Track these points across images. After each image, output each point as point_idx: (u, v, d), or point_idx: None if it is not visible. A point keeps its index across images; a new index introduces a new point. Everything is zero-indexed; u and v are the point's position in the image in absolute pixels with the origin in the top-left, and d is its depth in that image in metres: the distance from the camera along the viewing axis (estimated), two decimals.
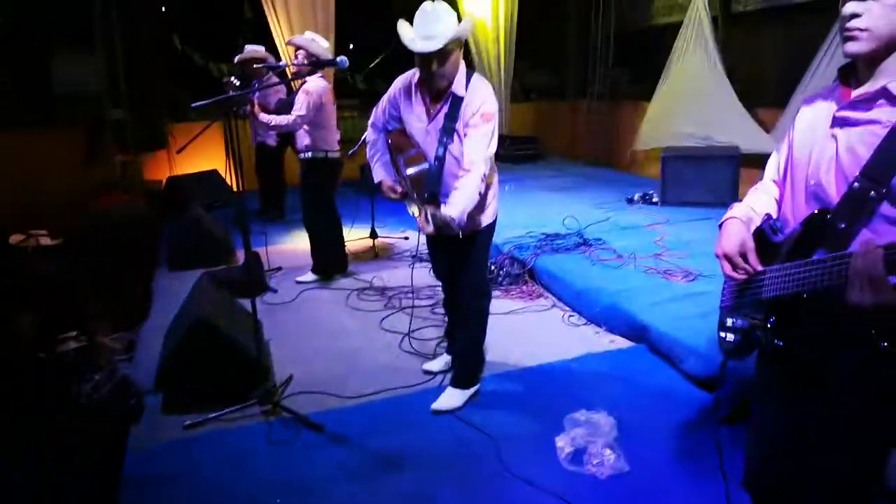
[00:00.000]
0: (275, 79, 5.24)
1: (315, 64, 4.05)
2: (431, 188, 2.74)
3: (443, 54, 2.56)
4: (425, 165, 2.77)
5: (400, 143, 2.91)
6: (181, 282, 4.45)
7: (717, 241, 1.66)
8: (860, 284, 1.25)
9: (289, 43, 4.59)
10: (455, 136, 2.70)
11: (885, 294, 1.23)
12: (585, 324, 4.03)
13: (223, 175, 6.98)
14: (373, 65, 9.08)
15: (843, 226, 1.41)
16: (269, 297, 4.60)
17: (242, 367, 3.11)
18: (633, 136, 8.21)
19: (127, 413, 2.92)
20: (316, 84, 4.46)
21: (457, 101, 2.66)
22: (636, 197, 6.67)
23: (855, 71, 1.48)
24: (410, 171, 2.77)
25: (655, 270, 4.41)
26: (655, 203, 6.48)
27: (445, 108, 2.69)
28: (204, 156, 7.31)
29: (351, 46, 9.39)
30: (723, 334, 1.77)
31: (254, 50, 5.94)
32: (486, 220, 2.92)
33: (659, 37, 7.92)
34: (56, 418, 2.76)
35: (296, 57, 4.53)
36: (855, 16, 1.36)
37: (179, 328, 3.28)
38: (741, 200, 1.76)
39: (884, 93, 1.38)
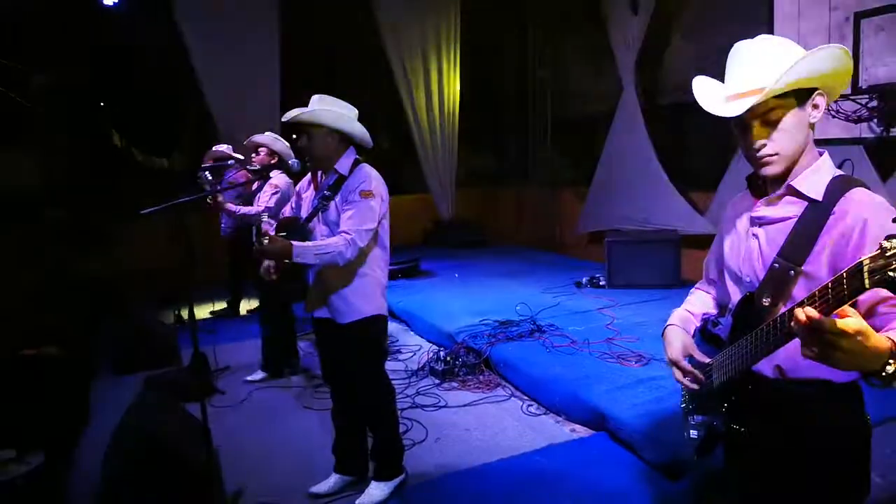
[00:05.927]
0: (239, 175, 5.24)
1: (265, 167, 4.10)
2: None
3: (308, 135, 2.80)
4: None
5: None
6: (126, 387, 4.24)
7: (665, 350, 1.77)
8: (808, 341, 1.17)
9: (249, 142, 4.64)
10: (332, 206, 2.85)
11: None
12: (545, 413, 3.99)
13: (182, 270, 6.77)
14: None
15: (766, 302, 1.51)
16: (216, 400, 4.40)
17: (191, 483, 2.91)
18: (574, 220, 8.48)
19: None
20: (281, 179, 4.54)
21: (339, 178, 2.87)
22: (584, 281, 6.81)
23: (761, 178, 1.62)
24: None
25: (609, 355, 4.45)
26: (603, 286, 6.61)
27: (328, 181, 2.90)
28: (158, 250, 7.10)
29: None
30: (686, 433, 1.80)
31: (219, 151, 5.95)
32: (367, 308, 2.91)
33: (594, 124, 8.32)
34: None
35: (257, 153, 4.61)
36: (763, 145, 1.48)
37: (119, 445, 3.06)
38: (684, 281, 1.89)
39: (788, 189, 1.52)
